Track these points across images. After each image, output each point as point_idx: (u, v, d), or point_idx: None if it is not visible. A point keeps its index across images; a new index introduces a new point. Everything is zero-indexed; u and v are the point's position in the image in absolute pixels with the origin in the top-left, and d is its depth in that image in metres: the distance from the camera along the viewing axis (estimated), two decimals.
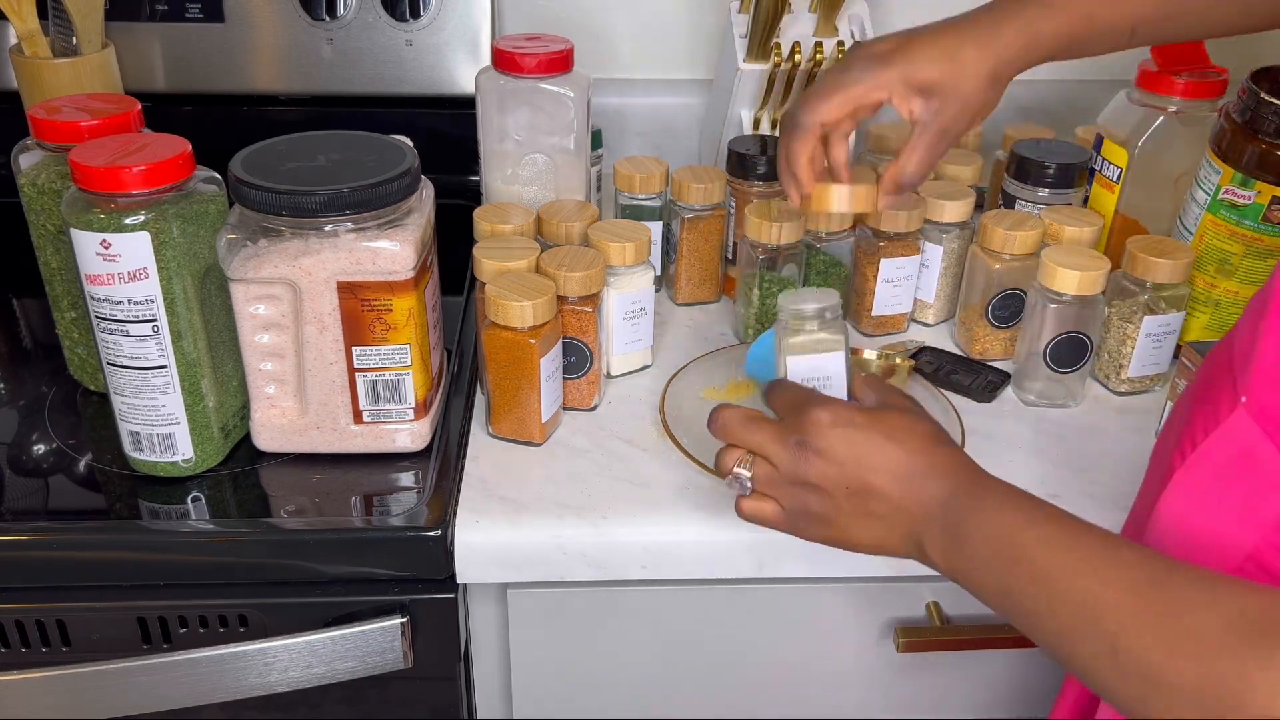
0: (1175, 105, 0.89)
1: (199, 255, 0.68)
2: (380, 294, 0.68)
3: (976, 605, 0.76)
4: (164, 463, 0.72)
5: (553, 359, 0.74)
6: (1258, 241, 0.80)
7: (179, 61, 1.07)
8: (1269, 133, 0.77)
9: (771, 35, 0.94)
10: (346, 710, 0.77)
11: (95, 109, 0.73)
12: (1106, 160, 0.92)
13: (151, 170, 0.64)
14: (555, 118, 0.88)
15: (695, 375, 0.83)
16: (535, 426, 0.75)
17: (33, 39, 0.86)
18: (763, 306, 0.86)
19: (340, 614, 0.70)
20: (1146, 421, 0.81)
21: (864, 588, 0.76)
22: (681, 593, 0.75)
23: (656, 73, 1.18)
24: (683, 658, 0.78)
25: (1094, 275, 0.78)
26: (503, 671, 0.79)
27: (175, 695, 0.70)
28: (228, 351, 0.73)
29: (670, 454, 0.75)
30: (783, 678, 0.80)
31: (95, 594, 0.69)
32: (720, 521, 0.70)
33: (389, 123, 1.07)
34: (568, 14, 1.14)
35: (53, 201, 0.73)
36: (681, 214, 0.90)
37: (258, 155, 0.69)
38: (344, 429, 0.73)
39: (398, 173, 0.68)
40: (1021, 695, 0.82)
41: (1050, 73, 1.19)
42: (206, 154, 0.70)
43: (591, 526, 0.70)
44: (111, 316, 0.67)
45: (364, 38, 1.06)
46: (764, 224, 0.83)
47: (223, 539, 0.69)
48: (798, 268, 0.86)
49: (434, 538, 0.68)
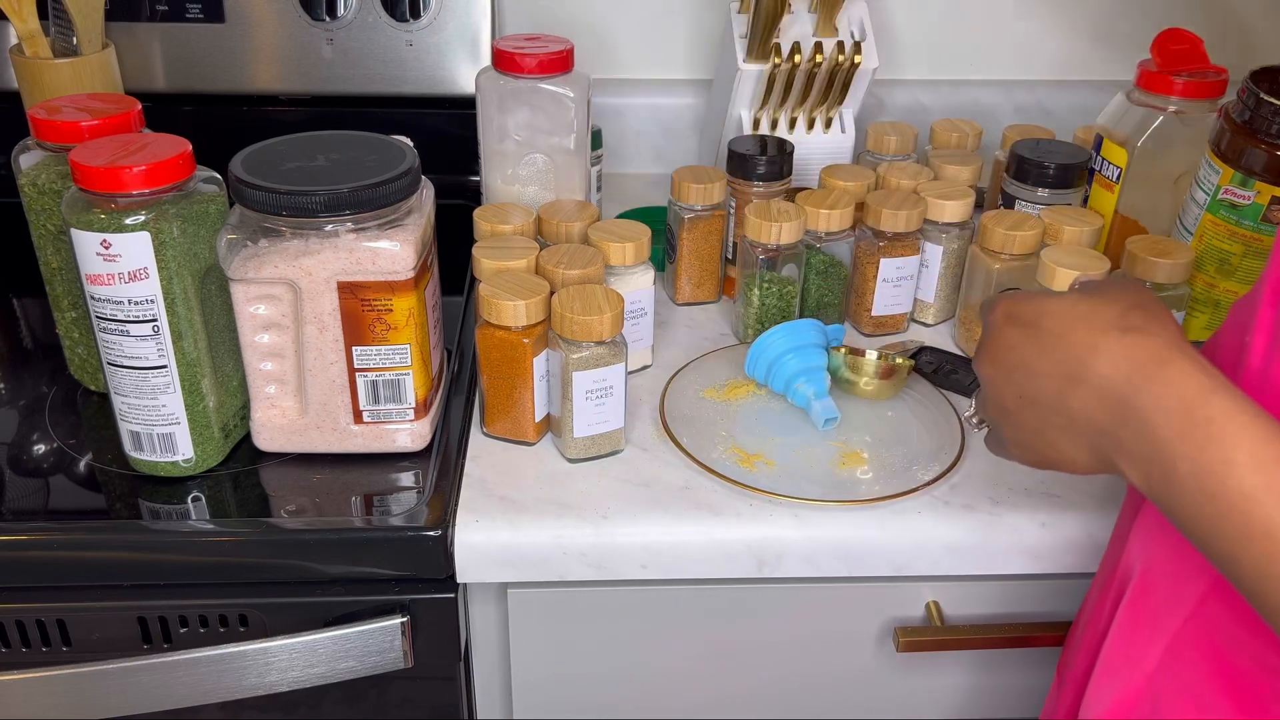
0: (1175, 105, 0.89)
1: (199, 255, 0.68)
2: (380, 294, 0.68)
3: (976, 605, 0.77)
4: (164, 463, 0.72)
5: (547, 359, 0.74)
6: (1257, 241, 0.80)
7: (179, 61, 1.07)
8: (1269, 133, 0.77)
9: (771, 35, 0.94)
10: (346, 710, 0.77)
11: (95, 109, 0.73)
12: (1106, 160, 0.92)
13: (151, 170, 0.64)
14: (555, 118, 0.88)
15: (695, 375, 0.83)
16: (529, 426, 0.75)
17: (33, 39, 0.86)
18: (762, 306, 0.86)
19: (340, 614, 0.70)
20: None
21: (864, 588, 0.76)
22: (681, 593, 0.75)
23: (656, 73, 1.18)
24: (683, 658, 0.78)
25: (1094, 275, 0.78)
26: (503, 671, 0.79)
27: (175, 695, 0.70)
28: (228, 351, 0.73)
29: (670, 454, 0.75)
30: (783, 678, 0.80)
31: (95, 594, 0.69)
32: (720, 521, 0.70)
33: (389, 123, 1.07)
34: (568, 14, 1.14)
35: (53, 201, 0.73)
36: (682, 214, 0.90)
37: (258, 155, 0.69)
38: (344, 429, 0.73)
39: (398, 173, 0.68)
40: (1021, 695, 0.82)
41: (1050, 73, 1.20)
42: (206, 154, 0.70)
43: (591, 526, 0.70)
44: (112, 316, 0.67)
45: (364, 38, 1.06)
46: (764, 224, 0.83)
47: (223, 539, 0.69)
48: (797, 268, 0.86)
49: (434, 537, 0.68)
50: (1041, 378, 0.49)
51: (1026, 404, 0.51)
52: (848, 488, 0.72)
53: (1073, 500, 0.73)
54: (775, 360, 0.79)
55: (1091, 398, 0.47)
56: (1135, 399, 0.46)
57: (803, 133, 1.00)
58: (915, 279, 0.90)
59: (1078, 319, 0.49)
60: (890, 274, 0.89)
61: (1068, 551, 0.71)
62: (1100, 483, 0.74)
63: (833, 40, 0.95)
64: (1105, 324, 0.48)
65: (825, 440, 0.77)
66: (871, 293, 0.90)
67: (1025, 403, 0.51)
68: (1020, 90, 1.18)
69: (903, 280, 0.89)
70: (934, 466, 0.74)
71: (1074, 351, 0.48)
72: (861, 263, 0.90)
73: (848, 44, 0.94)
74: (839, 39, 0.95)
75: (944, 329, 0.93)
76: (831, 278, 0.89)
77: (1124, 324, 0.47)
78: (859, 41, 0.95)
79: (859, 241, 0.90)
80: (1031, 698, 0.82)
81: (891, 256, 0.88)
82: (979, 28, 1.17)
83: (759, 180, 0.90)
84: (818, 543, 0.70)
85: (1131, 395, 0.46)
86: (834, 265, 0.89)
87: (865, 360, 0.81)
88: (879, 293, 0.89)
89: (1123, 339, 0.47)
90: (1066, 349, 0.49)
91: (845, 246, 0.89)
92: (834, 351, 0.81)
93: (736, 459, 0.74)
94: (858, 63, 0.94)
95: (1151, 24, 0.96)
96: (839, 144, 1.00)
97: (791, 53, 0.93)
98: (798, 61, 0.94)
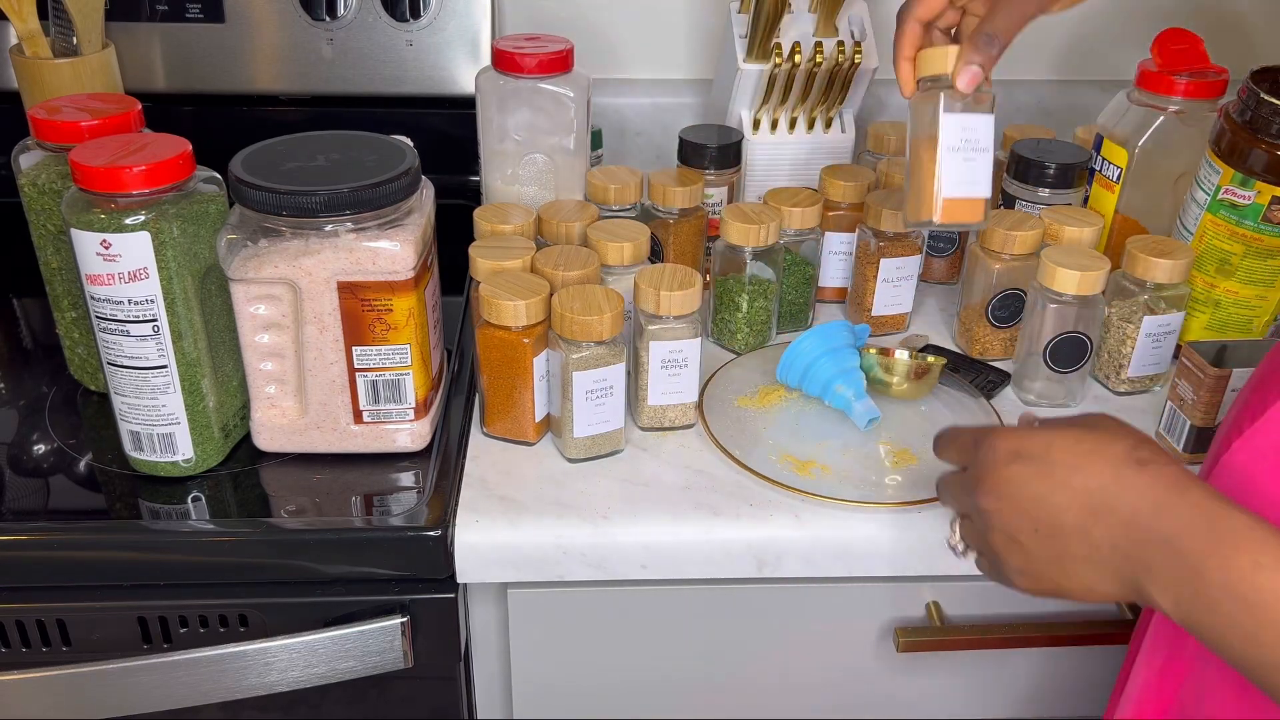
0: (1175, 105, 0.89)
1: (199, 255, 0.68)
2: (380, 294, 0.68)
3: (976, 605, 0.77)
4: (164, 463, 0.72)
5: (546, 359, 0.74)
6: (1258, 241, 0.80)
7: (179, 61, 1.07)
8: (1269, 133, 0.77)
9: (771, 35, 0.94)
10: (346, 710, 0.77)
11: (95, 109, 0.73)
12: (1106, 160, 0.92)
13: (151, 170, 0.64)
14: (555, 118, 0.88)
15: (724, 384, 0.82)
16: (529, 426, 0.75)
17: (33, 39, 0.86)
18: (750, 309, 0.86)
19: (340, 614, 0.70)
20: (1146, 422, 0.81)
21: (864, 588, 0.76)
22: (681, 593, 0.75)
23: (656, 73, 1.18)
24: (682, 658, 0.78)
25: (1094, 275, 0.78)
26: (503, 671, 0.79)
27: (175, 695, 0.70)
28: (228, 351, 0.73)
29: (672, 454, 0.75)
30: (783, 678, 0.80)
31: (95, 594, 0.69)
32: (720, 521, 0.70)
33: (389, 123, 1.07)
34: (568, 14, 1.14)
35: (53, 201, 0.73)
36: (664, 218, 0.88)
37: (258, 155, 0.69)
38: (344, 429, 0.73)
39: (398, 173, 0.68)
40: (1021, 695, 0.82)
41: (1050, 73, 1.20)
42: (206, 154, 0.70)
43: (591, 526, 0.70)
44: (112, 316, 0.67)
45: (364, 38, 1.06)
46: (748, 227, 0.82)
47: (223, 539, 0.69)
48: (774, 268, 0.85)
49: (434, 537, 0.68)
50: (1062, 510, 0.51)
51: (1044, 536, 0.52)
52: (922, 487, 0.72)
53: None
54: (810, 364, 0.79)
55: (1118, 526, 0.50)
56: (1163, 525, 0.48)
57: (803, 133, 1.00)
58: (915, 279, 0.90)
59: (1089, 454, 0.51)
60: (890, 274, 0.89)
61: None
62: None
63: (833, 40, 0.94)
64: (1119, 458, 0.51)
65: (870, 440, 0.78)
66: (871, 293, 0.90)
67: (1042, 535, 0.52)
68: (1020, 90, 1.18)
69: (903, 280, 0.89)
70: None
71: (1096, 484, 0.50)
72: (862, 263, 0.90)
73: (848, 44, 0.94)
74: (839, 39, 0.95)
75: (944, 329, 0.93)
76: (797, 276, 0.89)
77: (1137, 457, 0.50)
78: (859, 41, 0.95)
79: (859, 241, 0.90)
80: (1031, 698, 0.82)
81: (891, 257, 0.88)
82: None
83: (711, 169, 0.92)
84: (817, 543, 0.70)
85: (1159, 522, 0.48)
86: (799, 264, 0.89)
87: (897, 361, 0.81)
88: (879, 293, 0.89)
89: (1142, 471, 0.50)
90: (1086, 481, 0.51)
91: (811, 245, 0.89)
92: (865, 353, 0.81)
93: (791, 466, 0.74)
94: (858, 62, 0.94)
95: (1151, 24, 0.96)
96: (839, 144, 1.00)
97: (791, 52, 0.93)
98: (798, 61, 0.93)
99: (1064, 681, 0.81)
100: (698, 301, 0.74)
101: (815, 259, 0.90)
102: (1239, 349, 0.76)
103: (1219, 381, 0.73)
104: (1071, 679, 0.81)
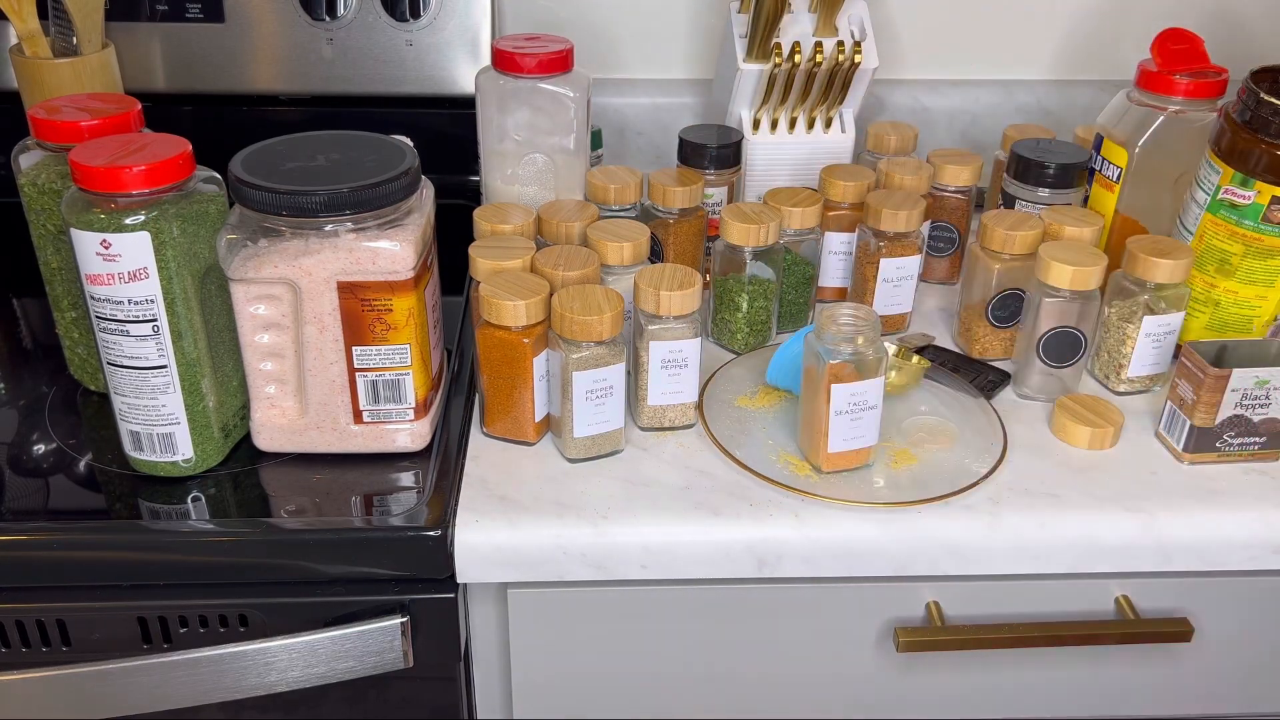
0: (1175, 105, 0.89)
1: (199, 255, 0.68)
2: (380, 294, 0.68)
3: (976, 605, 0.77)
4: (164, 463, 0.72)
5: (546, 359, 0.74)
6: (1258, 241, 0.80)
7: (179, 61, 1.07)
8: (1269, 133, 0.77)
9: (771, 35, 0.94)
10: (346, 710, 0.77)
11: (95, 109, 0.73)
12: (1106, 160, 0.92)
13: (151, 170, 0.64)
14: (555, 118, 0.88)
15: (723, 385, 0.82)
16: (529, 426, 0.75)
17: (33, 39, 0.86)
18: (750, 309, 0.86)
19: (340, 614, 0.70)
20: (1146, 422, 0.81)
21: (864, 588, 0.76)
22: (681, 593, 0.75)
23: (656, 73, 1.18)
24: (683, 657, 0.78)
25: (1089, 270, 0.78)
26: (503, 671, 0.79)
27: (175, 695, 0.70)
28: (228, 351, 0.73)
29: (672, 454, 0.75)
30: (783, 678, 0.80)
31: (95, 594, 0.69)
32: (720, 521, 0.70)
33: (389, 123, 1.07)
34: (568, 14, 1.14)
35: (53, 201, 0.73)
36: (664, 218, 0.89)
37: (258, 155, 0.69)
38: (344, 429, 0.73)
39: (398, 173, 0.68)
40: (1020, 695, 0.82)
41: (1050, 73, 1.20)
42: (206, 154, 0.70)
43: (591, 526, 0.70)
44: (111, 316, 0.67)
45: (364, 38, 1.06)
46: (748, 227, 0.82)
47: (223, 539, 0.69)
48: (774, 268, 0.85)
49: (434, 538, 0.68)
50: None
51: None
52: (922, 486, 0.73)
53: (1073, 500, 0.73)
54: (800, 366, 0.79)
55: None
56: None
57: (803, 133, 1.00)
58: (915, 279, 0.90)
59: None
60: (890, 274, 0.89)
61: (1068, 551, 0.72)
62: (1101, 483, 0.74)
63: (833, 40, 0.95)
64: None
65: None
66: (872, 293, 0.90)
67: None
68: (1020, 90, 1.18)
69: (903, 280, 0.89)
70: (986, 458, 0.75)
71: None
72: (861, 263, 0.90)
73: (848, 44, 0.94)
74: (839, 39, 0.95)
75: (944, 329, 0.93)
76: (797, 276, 0.89)
77: None
78: (859, 41, 0.95)
79: (859, 241, 0.90)
80: (1030, 698, 0.82)
81: (891, 257, 0.88)
82: (979, 28, 1.17)
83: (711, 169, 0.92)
84: (817, 543, 0.70)
85: None
86: (798, 264, 0.89)
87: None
88: (879, 293, 0.90)
89: None
90: None
91: (811, 245, 0.89)
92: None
93: (791, 466, 0.74)
94: (858, 62, 0.94)
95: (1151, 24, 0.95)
96: (839, 144, 1.00)
97: (791, 52, 0.93)
98: (798, 61, 0.94)
99: (1063, 681, 0.81)
100: (698, 301, 0.74)
101: (815, 259, 0.90)
102: (1239, 349, 0.76)
103: (1219, 381, 0.73)
104: (1071, 679, 0.81)
